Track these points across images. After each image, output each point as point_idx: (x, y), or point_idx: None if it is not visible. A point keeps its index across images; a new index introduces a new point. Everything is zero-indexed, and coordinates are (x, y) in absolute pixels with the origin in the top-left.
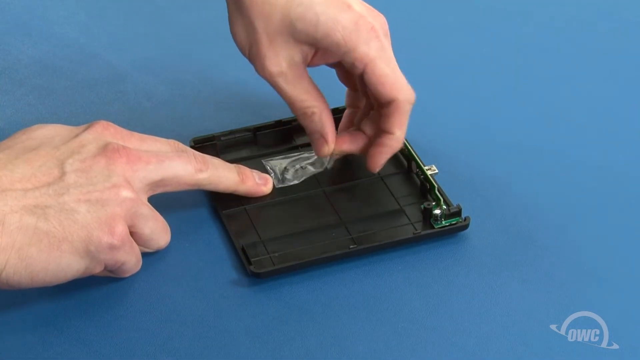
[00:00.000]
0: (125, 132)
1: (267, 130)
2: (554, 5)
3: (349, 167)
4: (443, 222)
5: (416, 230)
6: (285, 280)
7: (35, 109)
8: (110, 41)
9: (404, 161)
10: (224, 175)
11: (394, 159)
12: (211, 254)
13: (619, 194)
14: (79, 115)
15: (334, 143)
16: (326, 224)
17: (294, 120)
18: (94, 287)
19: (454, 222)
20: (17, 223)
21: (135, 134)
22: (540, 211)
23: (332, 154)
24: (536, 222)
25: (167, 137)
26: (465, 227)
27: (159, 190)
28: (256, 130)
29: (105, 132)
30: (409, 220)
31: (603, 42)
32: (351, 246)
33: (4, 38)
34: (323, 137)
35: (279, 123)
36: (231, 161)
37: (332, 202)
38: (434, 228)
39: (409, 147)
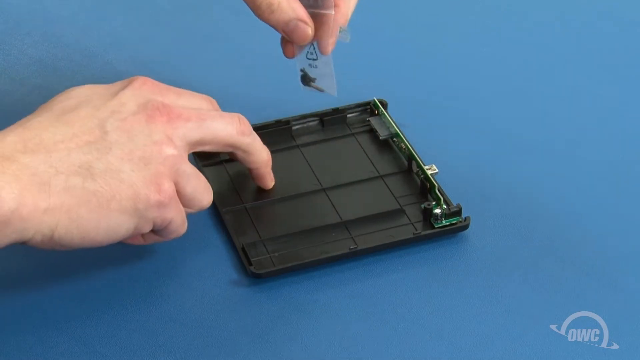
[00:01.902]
0: (163, 86)
1: (267, 130)
2: (556, 3)
3: (349, 166)
4: (443, 222)
5: (416, 230)
6: (285, 280)
7: (35, 109)
8: (111, 41)
9: (405, 161)
10: (260, 148)
11: (395, 159)
12: (211, 253)
13: (619, 194)
14: None
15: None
16: (326, 224)
17: (294, 120)
18: (94, 287)
19: (454, 222)
20: (63, 184)
21: (173, 88)
22: (541, 211)
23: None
24: (536, 222)
25: None
26: (466, 227)
27: (198, 149)
28: (256, 130)
29: (143, 87)
30: (409, 220)
31: (605, 39)
32: (351, 246)
33: (4, 38)
34: (301, 21)
35: (278, 123)
36: (232, 160)
37: (332, 201)
38: (434, 228)
39: (410, 147)
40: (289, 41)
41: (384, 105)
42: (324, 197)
